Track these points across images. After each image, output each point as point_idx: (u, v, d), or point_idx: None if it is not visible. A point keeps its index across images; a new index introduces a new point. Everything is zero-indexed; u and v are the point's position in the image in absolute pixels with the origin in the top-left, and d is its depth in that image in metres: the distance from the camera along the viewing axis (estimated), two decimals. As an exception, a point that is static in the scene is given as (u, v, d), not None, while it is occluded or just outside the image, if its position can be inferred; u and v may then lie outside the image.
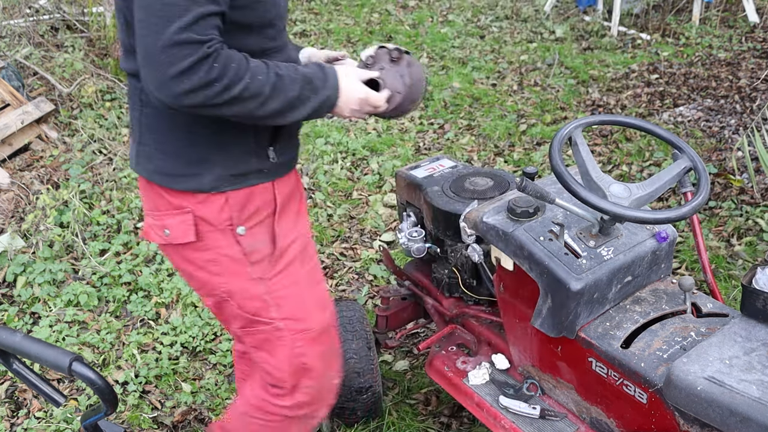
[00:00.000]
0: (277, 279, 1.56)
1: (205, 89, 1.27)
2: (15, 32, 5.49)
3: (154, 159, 1.48)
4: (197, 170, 1.45)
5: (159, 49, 1.24)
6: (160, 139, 1.46)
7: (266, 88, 1.34)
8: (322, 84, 1.42)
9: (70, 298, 3.06)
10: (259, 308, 1.56)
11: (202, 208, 1.48)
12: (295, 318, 1.59)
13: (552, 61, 5.57)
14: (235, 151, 1.46)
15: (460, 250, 2.20)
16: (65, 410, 2.54)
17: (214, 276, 1.54)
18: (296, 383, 1.65)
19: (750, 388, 1.42)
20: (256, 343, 1.63)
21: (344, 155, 4.29)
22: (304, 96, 1.39)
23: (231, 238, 1.50)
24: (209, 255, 1.51)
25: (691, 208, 1.67)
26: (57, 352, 1.28)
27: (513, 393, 2.02)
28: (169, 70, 1.25)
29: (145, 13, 1.26)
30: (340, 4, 7.34)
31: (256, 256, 1.52)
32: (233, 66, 1.30)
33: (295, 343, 1.60)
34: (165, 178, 1.48)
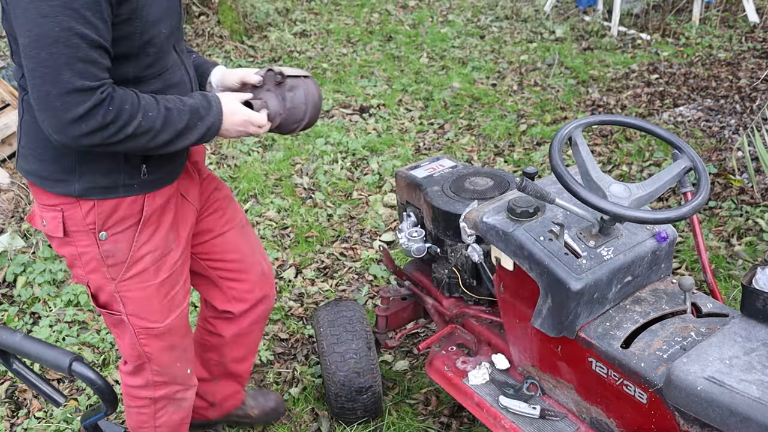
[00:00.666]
0: (127, 283, 1.68)
1: (102, 131, 1.37)
2: (15, 32, 5.49)
3: (30, 162, 1.58)
4: (67, 177, 1.55)
5: (54, 97, 1.32)
6: (35, 146, 1.56)
7: (157, 122, 1.45)
8: (206, 112, 1.53)
9: (70, 298, 3.06)
10: (109, 301, 1.72)
11: (70, 210, 1.58)
12: (139, 316, 1.73)
13: (552, 61, 5.57)
14: (104, 165, 1.55)
15: (460, 250, 2.20)
16: (65, 410, 2.54)
17: (77, 267, 1.69)
18: (141, 366, 1.82)
19: (750, 388, 1.42)
20: (109, 323, 1.78)
21: (344, 155, 4.29)
22: (191, 124, 1.51)
23: (93, 239, 1.61)
24: (74, 250, 1.64)
25: (691, 208, 1.67)
26: (57, 352, 1.28)
27: (513, 393, 2.02)
28: (66, 116, 1.33)
29: (34, 63, 1.32)
30: (340, 4, 7.34)
31: (111, 261, 1.65)
32: (127, 108, 1.40)
33: (138, 335, 1.75)
34: (39, 180, 1.58)
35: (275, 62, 5.73)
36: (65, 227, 1.61)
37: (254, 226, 3.62)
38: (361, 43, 6.23)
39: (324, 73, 5.54)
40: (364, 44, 6.20)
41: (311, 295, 3.12)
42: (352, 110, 4.91)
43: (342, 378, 2.27)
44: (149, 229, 1.66)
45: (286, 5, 7.09)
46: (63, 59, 1.31)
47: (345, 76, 5.47)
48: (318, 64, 5.71)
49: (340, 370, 2.26)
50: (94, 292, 1.72)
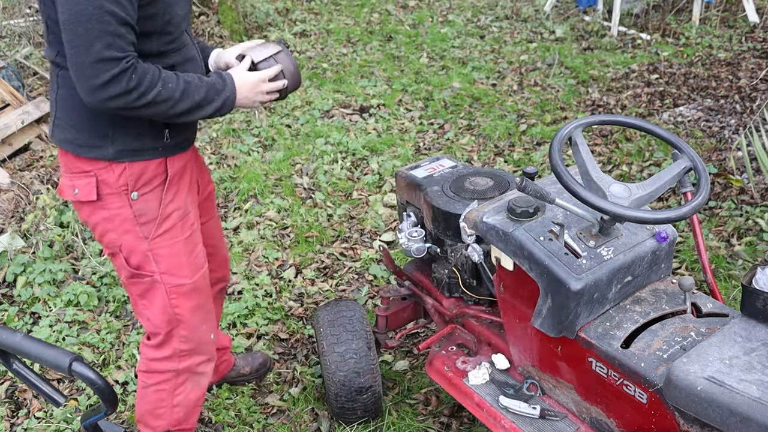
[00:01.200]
0: (158, 240, 1.85)
1: (125, 96, 1.59)
2: (15, 32, 5.49)
3: (66, 131, 1.77)
4: (101, 143, 1.74)
5: (86, 65, 1.55)
6: (71, 116, 1.75)
7: (176, 93, 1.66)
8: (222, 87, 1.76)
9: (70, 298, 3.06)
10: (141, 262, 1.86)
11: (104, 174, 1.77)
12: (171, 273, 1.88)
13: (552, 61, 5.57)
14: (132, 130, 1.75)
15: (460, 250, 2.20)
16: (65, 410, 2.54)
17: (109, 231, 1.84)
18: (171, 331, 1.93)
19: (750, 388, 1.42)
20: (139, 292, 1.90)
21: (344, 155, 4.29)
22: (209, 97, 1.73)
23: (125, 200, 1.80)
24: (107, 213, 1.81)
25: (691, 208, 1.67)
26: (57, 352, 1.28)
27: (513, 393, 2.02)
28: (95, 81, 1.56)
29: (72, 36, 1.55)
30: (340, 4, 7.34)
31: (144, 218, 1.82)
32: (148, 77, 1.61)
33: (169, 295, 1.89)
34: (75, 147, 1.76)
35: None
36: (99, 191, 1.78)
37: (254, 226, 3.62)
38: (361, 43, 6.23)
39: (324, 73, 5.54)
40: (364, 44, 6.20)
41: (311, 295, 3.13)
42: (352, 110, 4.91)
43: (342, 378, 2.27)
44: (173, 189, 1.86)
45: (286, 5, 7.09)
46: (95, 33, 1.53)
47: (345, 76, 5.47)
48: (318, 64, 5.71)
49: (340, 370, 2.26)
50: (126, 255, 1.85)
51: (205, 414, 2.51)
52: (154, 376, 2.01)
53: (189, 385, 2.04)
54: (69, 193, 1.83)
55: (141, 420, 2.11)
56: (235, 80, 1.79)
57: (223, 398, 2.56)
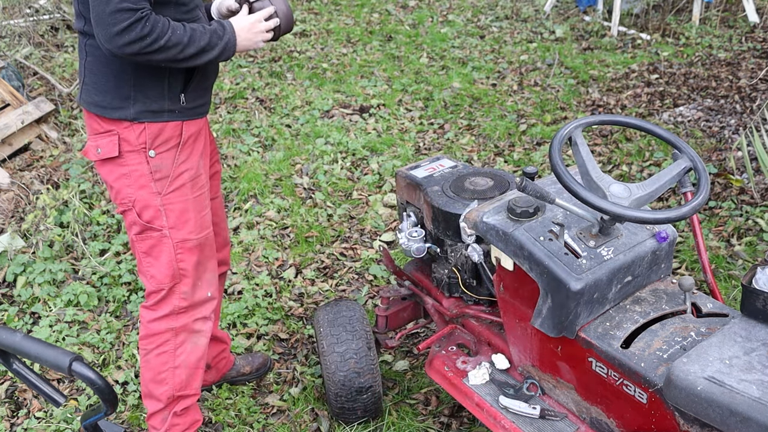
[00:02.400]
0: (170, 196, 2.02)
1: (140, 41, 1.77)
2: (15, 32, 5.49)
3: (92, 94, 1.96)
4: (123, 104, 1.94)
5: (106, 14, 1.74)
6: (97, 80, 1.95)
7: (184, 38, 1.84)
8: (222, 33, 1.94)
9: (70, 298, 3.06)
10: (153, 216, 2.01)
11: (125, 132, 1.95)
12: (178, 228, 2.03)
13: (552, 61, 5.57)
14: (152, 93, 1.95)
15: (460, 250, 2.20)
16: (65, 410, 2.54)
17: (125, 186, 2.00)
18: (173, 287, 2.07)
19: (750, 388, 1.42)
20: (146, 248, 2.05)
21: (344, 155, 4.29)
22: (213, 42, 1.91)
23: (143, 157, 1.97)
24: (125, 169, 1.98)
25: (691, 208, 1.67)
26: (57, 352, 1.28)
27: (513, 393, 2.02)
28: (113, 28, 1.75)
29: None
30: (340, 4, 7.34)
31: (158, 175, 1.99)
32: (159, 26, 1.80)
33: (176, 249, 2.04)
34: (100, 109, 1.96)
35: (275, 62, 5.73)
36: (120, 148, 1.96)
37: (254, 226, 3.62)
38: (361, 43, 6.23)
39: (324, 73, 5.54)
40: (364, 44, 6.20)
41: (311, 295, 3.13)
42: (352, 110, 4.91)
43: (342, 378, 2.27)
44: (186, 150, 2.03)
45: (286, 5, 7.08)
46: None
47: (345, 76, 5.47)
48: (318, 64, 5.71)
49: (340, 370, 2.26)
50: (140, 210, 2.01)
51: (205, 414, 2.51)
52: (154, 339, 2.12)
53: (188, 345, 2.15)
54: (93, 153, 2.01)
55: (147, 394, 2.18)
56: (234, 26, 1.97)
57: (223, 398, 2.56)
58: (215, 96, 5.07)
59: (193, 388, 2.21)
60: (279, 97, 5.09)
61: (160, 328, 2.11)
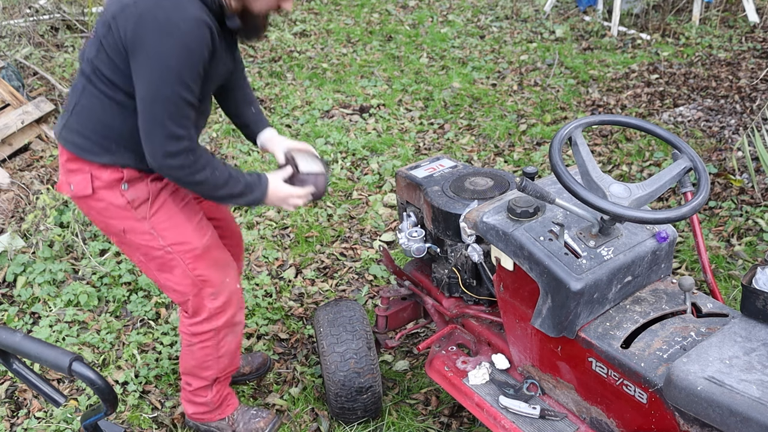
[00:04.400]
0: (156, 216, 2.01)
1: (180, 170, 1.85)
2: (15, 32, 5.49)
3: (74, 136, 1.95)
4: (103, 153, 1.94)
5: (158, 136, 1.80)
6: (83, 127, 1.93)
7: (219, 181, 1.91)
8: (256, 188, 1.99)
9: (70, 298, 3.06)
10: (149, 240, 2.01)
11: (98, 171, 1.95)
12: (179, 242, 2.02)
13: (552, 61, 5.57)
14: (135, 153, 1.93)
15: (460, 250, 2.20)
16: (65, 410, 2.54)
17: (110, 219, 2.01)
18: (199, 292, 2.07)
19: (750, 388, 1.42)
20: (156, 267, 2.06)
21: (344, 155, 4.29)
22: (242, 193, 1.97)
23: (117, 192, 1.97)
24: (102, 204, 1.99)
25: (691, 208, 1.67)
26: (57, 352, 1.28)
27: (513, 393, 2.02)
28: (162, 150, 1.81)
29: (149, 111, 1.79)
30: (340, 4, 7.34)
31: (137, 203, 1.99)
32: (202, 160, 1.86)
33: (185, 261, 2.04)
34: (78, 150, 1.95)
35: (275, 62, 5.73)
36: (93, 185, 1.96)
37: (254, 226, 3.62)
38: (361, 43, 6.23)
39: (324, 73, 5.54)
40: (364, 44, 6.20)
41: (311, 295, 3.13)
42: (352, 110, 4.91)
43: (342, 378, 2.27)
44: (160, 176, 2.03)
45: (286, 5, 7.08)
46: (168, 113, 1.78)
47: (345, 76, 5.47)
48: (318, 64, 5.71)
49: (340, 370, 2.26)
50: (132, 238, 2.01)
51: (205, 414, 2.51)
52: (196, 336, 2.16)
53: (230, 337, 2.19)
54: (66, 189, 2.01)
55: (189, 372, 2.24)
56: (270, 187, 2.03)
57: (223, 398, 2.57)
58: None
59: (234, 365, 2.30)
60: (279, 97, 5.09)
61: (201, 330, 2.14)
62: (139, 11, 1.76)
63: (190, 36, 1.75)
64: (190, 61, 1.77)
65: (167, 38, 1.74)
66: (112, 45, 1.82)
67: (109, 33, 1.82)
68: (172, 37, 1.74)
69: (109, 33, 1.81)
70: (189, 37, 1.75)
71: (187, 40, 1.75)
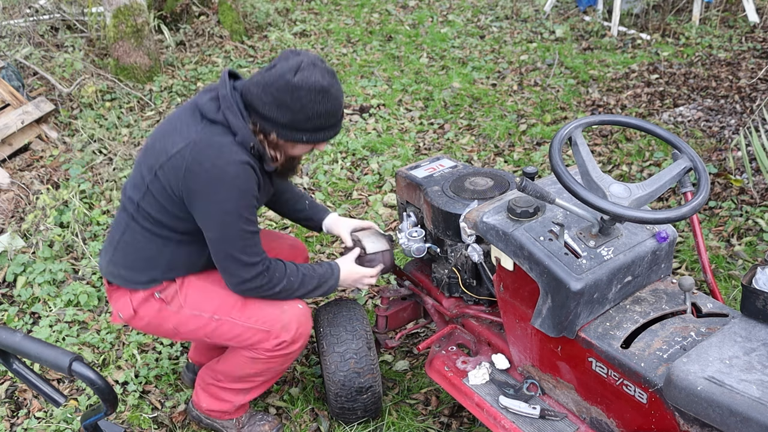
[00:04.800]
0: (189, 297, 2.10)
1: (259, 290, 2.03)
2: (15, 32, 5.50)
3: (120, 269, 2.10)
4: (145, 281, 2.09)
5: (234, 268, 1.97)
6: (128, 260, 2.09)
7: (295, 284, 2.07)
8: (329, 277, 2.15)
9: (70, 298, 3.06)
10: (197, 321, 2.09)
11: (135, 294, 2.11)
12: (218, 306, 2.08)
13: (552, 61, 5.57)
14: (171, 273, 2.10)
15: (460, 250, 2.20)
16: (65, 410, 2.54)
17: (159, 327, 2.14)
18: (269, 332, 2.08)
19: (750, 388, 1.42)
20: (221, 335, 2.10)
21: (344, 155, 4.29)
22: (317, 286, 2.12)
23: (152, 301, 2.11)
24: (147, 319, 2.12)
25: (691, 208, 1.67)
26: (57, 352, 1.28)
27: (513, 393, 2.02)
28: (237, 279, 1.99)
29: (222, 252, 1.96)
30: (340, 4, 7.34)
31: (169, 298, 2.10)
32: (277, 275, 2.03)
33: (235, 318, 2.08)
34: (123, 281, 2.11)
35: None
36: (133, 305, 2.10)
37: (254, 226, 3.62)
38: (361, 43, 6.23)
39: (324, 73, 5.54)
40: (364, 44, 6.20)
41: (311, 295, 3.12)
42: (352, 110, 4.91)
43: (342, 378, 2.27)
44: None
45: (286, 5, 7.09)
46: (238, 247, 1.94)
47: (345, 76, 5.47)
48: (318, 64, 5.70)
49: (340, 370, 2.26)
50: (182, 328, 2.11)
51: (205, 414, 2.50)
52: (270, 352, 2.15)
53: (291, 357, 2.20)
54: (117, 319, 2.17)
55: (238, 376, 2.22)
56: (342, 272, 2.18)
57: (223, 398, 2.56)
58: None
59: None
60: (279, 97, 5.08)
61: (283, 352, 2.13)
62: (186, 163, 1.87)
63: (239, 179, 1.87)
64: (245, 200, 1.90)
65: (218, 185, 1.87)
66: (161, 191, 1.95)
67: (156, 180, 1.94)
68: (223, 183, 1.86)
69: (156, 180, 1.94)
70: (238, 180, 1.87)
71: (237, 182, 1.88)
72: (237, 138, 1.89)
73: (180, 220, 1.98)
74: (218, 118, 1.90)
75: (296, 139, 1.93)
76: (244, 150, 1.90)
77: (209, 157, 1.86)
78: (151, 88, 5.16)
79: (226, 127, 1.90)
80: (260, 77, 1.87)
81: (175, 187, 1.91)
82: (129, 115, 4.78)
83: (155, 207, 1.97)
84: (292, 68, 1.84)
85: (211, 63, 5.64)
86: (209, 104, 1.92)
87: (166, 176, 1.92)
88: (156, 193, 1.96)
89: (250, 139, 1.90)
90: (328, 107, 1.88)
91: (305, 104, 1.85)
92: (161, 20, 6.02)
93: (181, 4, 6.19)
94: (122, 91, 5.01)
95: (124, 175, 3.98)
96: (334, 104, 1.90)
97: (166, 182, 1.92)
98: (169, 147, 1.91)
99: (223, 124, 1.90)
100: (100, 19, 5.72)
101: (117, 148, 4.25)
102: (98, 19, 5.75)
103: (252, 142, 1.91)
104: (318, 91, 1.84)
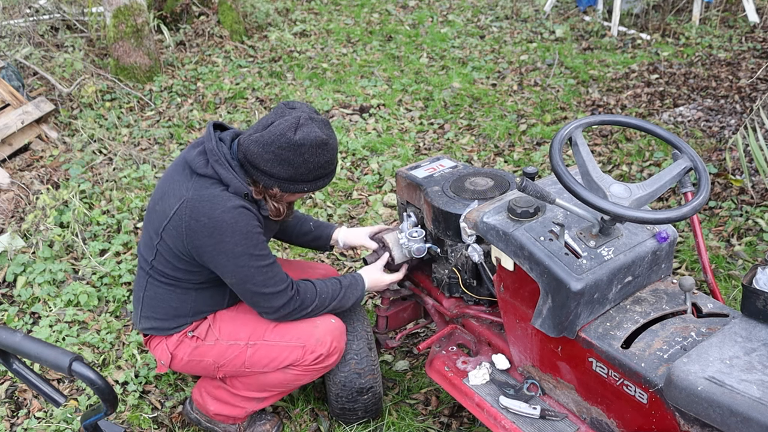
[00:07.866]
0: (222, 329, 2.15)
1: (293, 314, 2.08)
2: (15, 32, 5.50)
3: (151, 321, 2.17)
4: (175, 326, 2.16)
5: (263, 301, 2.02)
6: (155, 311, 2.15)
7: (326, 302, 2.13)
8: (355, 287, 2.21)
9: (70, 298, 3.06)
10: (234, 350, 2.13)
11: (169, 339, 2.17)
12: (251, 332, 2.13)
13: (552, 61, 5.57)
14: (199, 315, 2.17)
15: (460, 250, 2.20)
16: (65, 410, 2.54)
17: (199, 363, 2.17)
18: (304, 350, 2.10)
19: (750, 388, 1.42)
20: (260, 360, 2.12)
21: (344, 155, 4.29)
22: (347, 297, 2.18)
23: (186, 341, 2.16)
24: (185, 359, 2.17)
25: (692, 208, 1.67)
26: (57, 352, 1.28)
27: (513, 393, 2.02)
28: (272, 309, 2.05)
29: (246, 291, 2.01)
30: (340, 4, 7.34)
31: (203, 334, 2.15)
32: (308, 295, 2.09)
33: (269, 339, 2.11)
34: (155, 331, 2.18)
35: (275, 62, 5.73)
36: (169, 349, 2.17)
37: (254, 226, 3.62)
38: (361, 43, 6.23)
39: (324, 73, 5.54)
40: (364, 44, 6.20)
41: (311, 295, 3.12)
42: (352, 110, 4.91)
43: (342, 378, 2.26)
44: None
45: (286, 5, 7.09)
46: (260, 283, 1.98)
47: (345, 76, 5.47)
48: (318, 64, 5.71)
49: (341, 370, 2.26)
50: (221, 360, 2.14)
51: (205, 414, 2.50)
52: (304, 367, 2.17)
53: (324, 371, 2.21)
54: (162, 368, 2.22)
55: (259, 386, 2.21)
56: (367, 281, 2.24)
57: (223, 398, 2.56)
58: (215, 96, 5.07)
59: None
60: (279, 97, 5.08)
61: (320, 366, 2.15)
62: (184, 223, 1.93)
63: (238, 224, 1.92)
64: (250, 240, 1.94)
65: (220, 235, 1.91)
66: (169, 251, 2.01)
67: (162, 242, 2.01)
68: (224, 232, 1.91)
69: (163, 242, 2.01)
70: (238, 224, 1.92)
71: (238, 227, 1.92)
72: (230, 189, 1.95)
73: (194, 273, 2.05)
74: (208, 172, 1.95)
75: (298, 191, 2.01)
76: (237, 197, 1.95)
77: (204, 211, 1.91)
78: (151, 88, 5.16)
79: (216, 179, 1.95)
80: (260, 136, 1.92)
81: (180, 247, 1.98)
82: (129, 115, 4.78)
83: (169, 266, 2.04)
84: (292, 126, 1.90)
85: (211, 63, 5.64)
86: (197, 159, 1.97)
87: (170, 237, 1.99)
88: (165, 254, 2.03)
89: (243, 188, 1.95)
90: (328, 158, 1.96)
91: (307, 159, 1.93)
92: (161, 20, 6.03)
93: (181, 4, 6.19)
94: (122, 91, 5.01)
95: (124, 175, 3.98)
96: (332, 154, 1.97)
97: (171, 243, 1.99)
98: (168, 209, 1.97)
99: (213, 177, 1.95)
100: (100, 19, 5.72)
101: (117, 148, 4.25)
102: (98, 19, 5.75)
103: (245, 191, 1.96)
104: (318, 145, 1.92)
